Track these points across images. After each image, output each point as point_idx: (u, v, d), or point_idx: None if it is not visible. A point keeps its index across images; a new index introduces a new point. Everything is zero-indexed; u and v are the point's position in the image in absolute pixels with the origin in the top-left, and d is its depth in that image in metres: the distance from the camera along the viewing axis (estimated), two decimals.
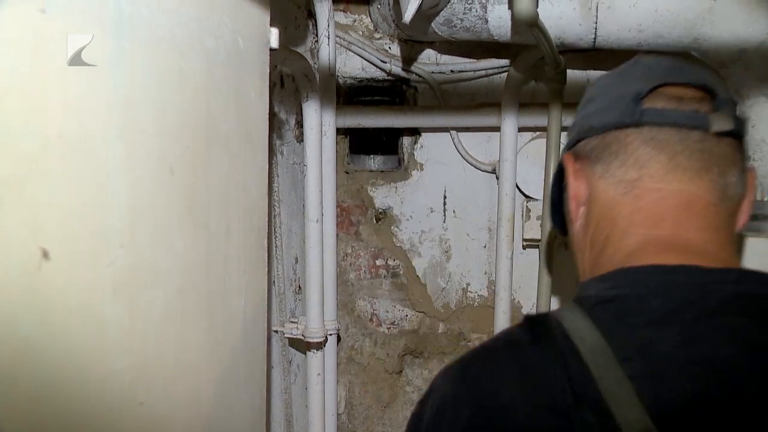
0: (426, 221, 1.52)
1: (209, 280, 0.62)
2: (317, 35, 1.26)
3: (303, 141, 1.31)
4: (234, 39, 0.66)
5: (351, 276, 1.57)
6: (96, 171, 0.45)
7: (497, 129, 1.37)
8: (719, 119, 0.57)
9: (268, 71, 0.76)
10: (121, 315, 0.49)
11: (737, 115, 0.59)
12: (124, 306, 0.49)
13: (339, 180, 1.48)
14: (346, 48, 1.44)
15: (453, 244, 1.52)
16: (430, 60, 1.44)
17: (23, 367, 0.40)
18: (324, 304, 1.38)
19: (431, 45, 1.42)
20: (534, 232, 1.39)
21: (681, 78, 0.60)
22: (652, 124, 0.58)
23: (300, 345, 1.42)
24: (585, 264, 0.64)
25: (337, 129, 1.39)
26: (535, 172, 1.37)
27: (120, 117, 0.48)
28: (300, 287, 1.46)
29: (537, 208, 1.38)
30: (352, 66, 1.46)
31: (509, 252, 1.39)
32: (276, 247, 1.32)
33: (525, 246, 1.45)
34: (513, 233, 1.39)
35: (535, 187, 1.38)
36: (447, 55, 1.43)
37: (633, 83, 0.60)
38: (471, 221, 1.50)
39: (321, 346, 1.37)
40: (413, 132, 1.50)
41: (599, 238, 0.61)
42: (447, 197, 1.51)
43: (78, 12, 0.43)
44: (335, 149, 1.39)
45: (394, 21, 1.38)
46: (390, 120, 1.43)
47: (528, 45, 1.20)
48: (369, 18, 1.44)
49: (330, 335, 1.40)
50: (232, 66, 0.66)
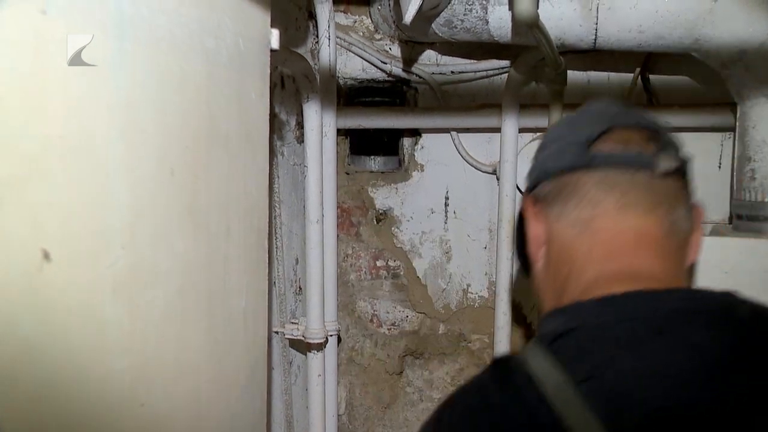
0: (426, 222, 1.52)
1: (209, 280, 0.62)
2: (318, 36, 1.26)
3: (303, 142, 1.31)
4: (235, 40, 0.66)
5: (351, 277, 1.57)
6: (96, 171, 0.45)
7: (498, 130, 1.37)
8: (664, 159, 0.61)
9: (268, 72, 0.76)
10: (122, 315, 0.49)
11: (681, 155, 0.63)
12: (124, 306, 0.49)
13: (339, 181, 1.48)
14: (346, 49, 1.44)
15: (453, 245, 1.52)
16: (430, 61, 1.44)
17: (23, 367, 0.40)
18: (324, 305, 1.38)
19: (432, 46, 1.42)
20: None
21: (628, 120, 0.64)
22: (602, 166, 0.61)
23: (300, 346, 1.42)
24: (548, 302, 0.66)
25: (338, 130, 1.39)
26: None
27: (120, 117, 0.48)
28: (300, 288, 1.46)
29: None
30: (352, 67, 1.46)
31: (510, 253, 1.39)
32: (276, 248, 1.32)
33: None
34: (513, 234, 1.39)
35: None
36: (447, 56, 1.43)
37: (584, 128, 0.64)
38: (471, 222, 1.50)
39: (321, 347, 1.37)
40: (414, 133, 1.50)
41: (560, 276, 0.64)
42: (448, 198, 1.51)
43: (79, 13, 0.43)
44: (336, 150, 1.39)
45: (394, 22, 1.38)
46: (390, 121, 1.43)
47: (528, 46, 1.20)
48: (369, 19, 1.44)
49: (330, 336, 1.40)
50: (232, 67, 0.66)
